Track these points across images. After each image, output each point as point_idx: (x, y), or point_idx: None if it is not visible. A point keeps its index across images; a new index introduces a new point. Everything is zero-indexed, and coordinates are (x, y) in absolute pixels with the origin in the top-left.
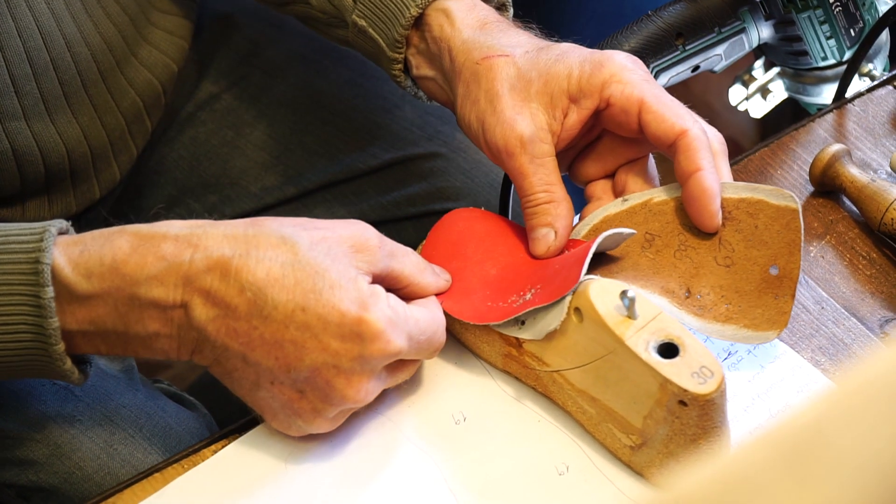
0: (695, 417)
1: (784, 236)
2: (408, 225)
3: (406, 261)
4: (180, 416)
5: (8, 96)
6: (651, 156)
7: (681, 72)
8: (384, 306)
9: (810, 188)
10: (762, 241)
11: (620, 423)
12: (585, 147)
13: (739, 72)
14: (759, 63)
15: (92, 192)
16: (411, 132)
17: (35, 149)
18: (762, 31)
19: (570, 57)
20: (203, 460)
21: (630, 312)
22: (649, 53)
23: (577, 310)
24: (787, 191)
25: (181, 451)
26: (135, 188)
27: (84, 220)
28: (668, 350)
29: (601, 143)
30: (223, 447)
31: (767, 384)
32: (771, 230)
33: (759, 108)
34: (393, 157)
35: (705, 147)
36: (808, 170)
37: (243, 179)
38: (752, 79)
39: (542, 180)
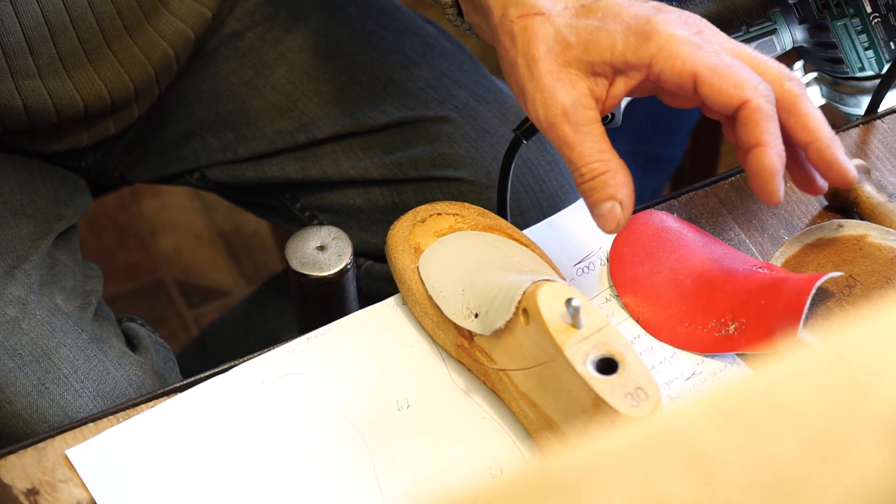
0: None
1: None
2: (408, 188)
3: None
4: (122, 362)
5: (22, 57)
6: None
7: None
8: None
9: (817, 204)
10: None
11: (557, 434)
12: None
13: None
14: (798, 65)
15: (106, 129)
16: (425, 93)
17: (49, 105)
18: (796, 34)
19: (614, 24)
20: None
21: (574, 321)
22: None
23: (524, 311)
24: None
25: (118, 404)
26: (157, 120)
27: (100, 151)
28: (608, 366)
29: None
30: (160, 403)
31: None
32: None
33: None
34: (402, 117)
35: (767, 117)
36: None
37: (259, 121)
38: None
39: (592, 149)
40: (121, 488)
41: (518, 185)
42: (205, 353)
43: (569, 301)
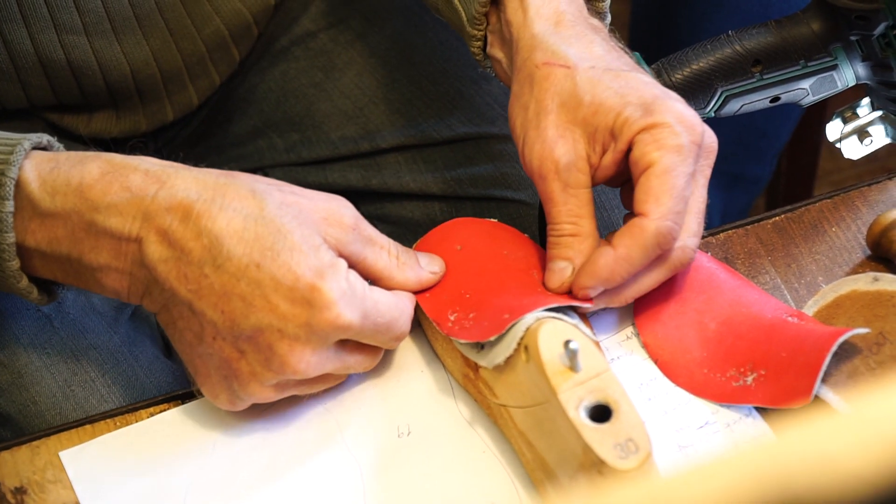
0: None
1: None
2: (467, 205)
3: (381, 253)
4: (153, 367)
5: (66, 11)
6: None
7: (756, 101)
8: (341, 279)
9: (861, 253)
10: None
11: (551, 477)
12: None
13: (843, 106)
14: (865, 101)
15: (164, 114)
16: (492, 109)
17: (94, 63)
18: (858, 71)
19: (629, 94)
20: (138, 420)
21: (572, 364)
22: (719, 77)
23: (526, 348)
24: None
25: (115, 408)
26: (223, 114)
27: (161, 140)
28: (602, 413)
29: None
30: (161, 412)
31: None
32: None
33: (854, 150)
34: (467, 132)
35: (639, 245)
36: (866, 232)
37: (325, 124)
38: (855, 117)
39: (571, 211)
40: (109, 496)
41: None
42: None
43: (567, 343)
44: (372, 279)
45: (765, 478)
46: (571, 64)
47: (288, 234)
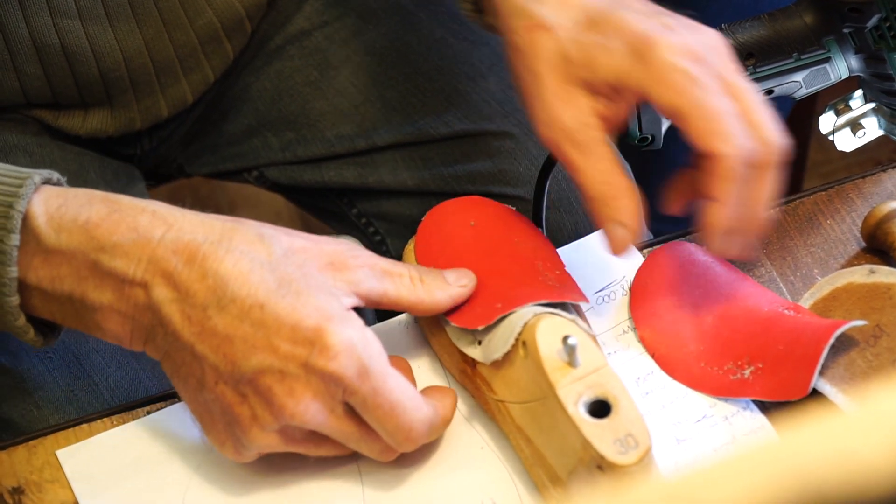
0: (611, 487)
1: None
2: None
3: (403, 282)
4: (156, 370)
5: None
6: None
7: None
8: (352, 329)
9: (856, 245)
10: None
11: (549, 473)
12: None
13: (835, 99)
14: (858, 94)
15: (158, 109)
16: (489, 105)
17: (87, 49)
18: (851, 63)
19: (615, 41)
20: (135, 419)
21: (571, 359)
22: None
23: (524, 343)
24: None
25: (113, 406)
26: (218, 112)
27: (156, 139)
28: (601, 408)
29: None
30: (158, 409)
31: None
32: None
33: (847, 143)
34: (464, 129)
35: (730, 178)
36: (860, 224)
37: (321, 123)
38: (847, 109)
39: (596, 170)
40: (107, 494)
41: (557, 202)
42: None
43: (566, 338)
44: (402, 310)
45: (783, 477)
46: (550, 24)
47: (294, 281)
